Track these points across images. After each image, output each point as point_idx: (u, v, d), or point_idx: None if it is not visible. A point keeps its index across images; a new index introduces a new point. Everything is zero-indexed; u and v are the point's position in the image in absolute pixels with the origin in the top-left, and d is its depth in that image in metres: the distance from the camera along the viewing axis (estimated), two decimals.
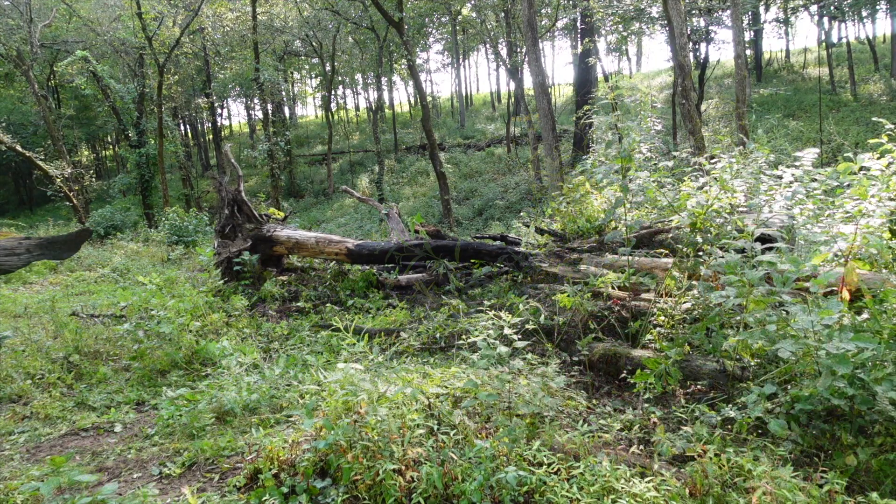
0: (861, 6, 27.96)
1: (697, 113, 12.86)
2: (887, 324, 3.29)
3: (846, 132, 20.77)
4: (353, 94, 53.47)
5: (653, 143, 7.65)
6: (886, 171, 4.58)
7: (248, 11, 25.16)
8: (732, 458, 2.75)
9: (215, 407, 4.40)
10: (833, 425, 3.26)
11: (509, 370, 4.03)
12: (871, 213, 4.36)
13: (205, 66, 29.75)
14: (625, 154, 5.47)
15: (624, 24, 24.43)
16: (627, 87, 8.69)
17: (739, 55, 13.78)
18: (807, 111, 24.84)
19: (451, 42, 41.25)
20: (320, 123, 46.54)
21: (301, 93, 51.80)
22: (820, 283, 3.35)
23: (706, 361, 4.25)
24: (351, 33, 31.58)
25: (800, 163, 5.46)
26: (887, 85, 26.55)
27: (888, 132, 4.70)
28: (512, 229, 13.23)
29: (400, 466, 2.87)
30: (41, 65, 26.49)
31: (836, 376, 3.01)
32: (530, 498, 2.82)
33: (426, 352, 5.49)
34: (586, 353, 4.58)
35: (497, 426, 3.30)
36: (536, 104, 15.97)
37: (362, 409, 3.41)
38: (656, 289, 5.33)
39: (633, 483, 2.78)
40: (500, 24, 29.88)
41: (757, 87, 28.98)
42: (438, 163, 19.15)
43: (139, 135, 24.31)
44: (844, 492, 2.64)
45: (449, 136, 35.02)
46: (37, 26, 21.50)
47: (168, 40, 22.67)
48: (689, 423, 3.49)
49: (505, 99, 42.33)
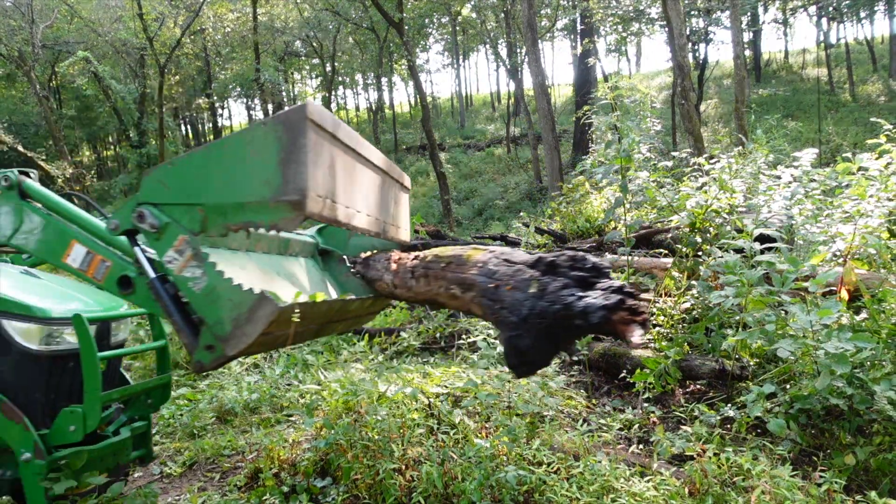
0: (859, 7, 27.99)
1: (697, 113, 12.88)
2: (886, 323, 3.30)
3: (845, 132, 20.77)
4: (354, 94, 53.57)
5: (652, 144, 7.66)
6: (885, 171, 4.59)
7: (248, 12, 25.19)
8: (731, 458, 2.75)
9: (216, 406, 4.41)
10: (832, 424, 3.27)
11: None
12: (870, 213, 4.37)
13: (205, 67, 29.77)
14: (624, 154, 5.47)
15: (623, 25, 24.46)
16: (627, 88, 8.71)
17: (738, 56, 13.79)
18: (805, 112, 24.83)
19: (451, 42, 41.26)
20: None
21: (301, 93, 51.80)
22: (819, 282, 3.36)
23: (705, 361, 4.26)
24: (351, 34, 31.58)
25: (798, 163, 5.47)
26: (885, 85, 26.56)
27: (886, 132, 4.71)
28: (512, 229, 13.22)
29: (400, 466, 2.88)
30: (43, 65, 26.49)
31: (834, 376, 3.01)
32: (530, 497, 2.83)
33: (426, 352, 5.50)
34: (586, 353, 4.59)
35: (497, 426, 3.31)
36: (536, 104, 15.99)
37: (362, 409, 3.42)
38: (656, 288, 5.33)
39: (632, 482, 2.79)
40: (499, 25, 29.90)
41: (756, 87, 28.97)
42: (438, 163, 19.16)
43: (140, 135, 24.35)
44: (843, 491, 2.65)
45: (449, 136, 35.01)
46: (38, 27, 21.52)
47: (169, 41, 22.69)
48: (689, 423, 3.50)
49: (505, 99, 42.33)
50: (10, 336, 2.29)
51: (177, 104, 31.05)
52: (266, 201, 1.75)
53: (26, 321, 2.33)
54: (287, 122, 1.73)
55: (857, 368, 3.16)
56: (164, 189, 1.88)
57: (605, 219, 7.39)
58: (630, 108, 8.28)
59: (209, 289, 1.84)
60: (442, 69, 65.87)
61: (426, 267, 2.31)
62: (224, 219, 1.83)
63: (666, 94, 28.24)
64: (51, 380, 2.40)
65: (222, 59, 30.55)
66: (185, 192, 1.86)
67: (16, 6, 21.88)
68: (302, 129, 1.72)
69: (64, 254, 2.10)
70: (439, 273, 2.23)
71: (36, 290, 2.57)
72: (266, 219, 1.78)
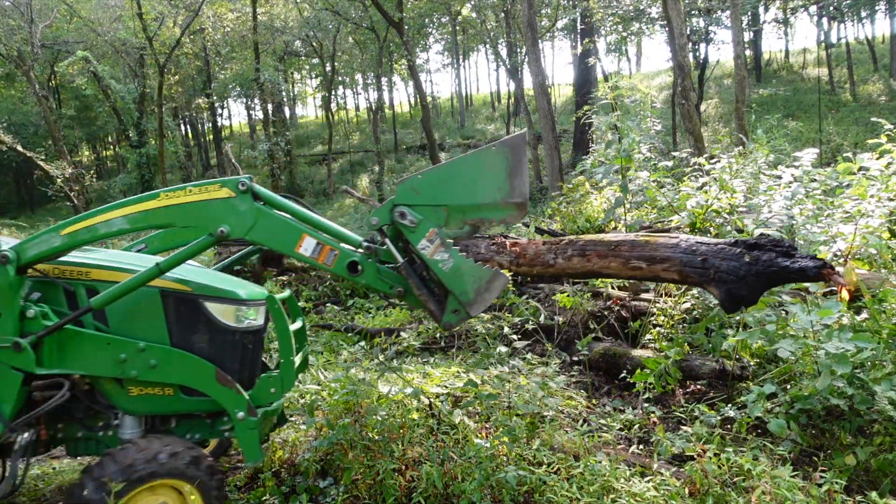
0: (860, 7, 27.97)
1: (697, 113, 12.88)
2: (886, 323, 3.29)
3: (845, 132, 20.76)
4: (353, 94, 53.48)
5: (652, 143, 7.65)
6: (885, 171, 4.58)
7: (248, 12, 25.17)
8: (732, 458, 2.75)
9: None
10: (832, 425, 3.26)
11: (509, 370, 4.04)
12: (871, 213, 4.37)
13: (205, 67, 29.74)
14: (624, 154, 5.47)
15: (623, 25, 24.44)
16: (627, 88, 8.70)
17: (739, 55, 13.78)
18: (806, 111, 24.82)
19: (451, 42, 41.23)
20: (320, 123, 46.53)
21: (301, 93, 51.78)
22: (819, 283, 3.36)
23: (706, 361, 4.25)
24: (351, 34, 31.55)
25: (799, 163, 5.47)
26: (886, 85, 26.55)
27: (887, 132, 4.70)
28: (512, 229, 13.22)
29: (400, 466, 2.88)
30: (42, 65, 26.49)
31: (835, 376, 3.01)
32: (530, 497, 2.82)
33: (426, 352, 5.50)
34: (586, 353, 4.58)
35: (497, 426, 3.31)
36: (536, 104, 15.98)
37: (362, 409, 3.41)
38: (656, 289, 5.33)
39: (632, 482, 2.78)
40: (500, 25, 29.88)
41: (756, 87, 28.96)
42: (439, 163, 19.17)
43: (140, 135, 24.34)
44: (843, 491, 2.64)
45: (449, 136, 34.98)
46: (38, 27, 21.51)
47: (168, 41, 22.67)
48: (689, 423, 3.49)
49: (505, 99, 42.31)
50: (213, 316, 2.70)
51: (176, 104, 31.00)
52: (498, 203, 2.49)
53: (224, 303, 2.73)
54: (513, 147, 2.48)
55: (858, 369, 3.16)
56: (415, 194, 2.47)
57: (605, 219, 7.38)
58: (630, 108, 8.26)
59: (455, 267, 2.47)
60: (442, 69, 65.85)
61: (581, 248, 3.32)
62: (463, 216, 2.51)
63: (666, 94, 28.23)
64: (243, 352, 2.80)
65: (222, 58, 30.52)
66: (432, 196, 2.48)
67: (15, 6, 21.87)
68: (524, 152, 2.52)
69: (296, 245, 2.54)
70: (607, 252, 3.20)
71: (210, 277, 2.93)
72: (497, 216, 2.53)
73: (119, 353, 2.53)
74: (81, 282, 2.61)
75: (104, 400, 2.69)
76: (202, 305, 2.70)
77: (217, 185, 2.49)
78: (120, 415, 2.71)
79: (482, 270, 2.51)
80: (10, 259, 2.38)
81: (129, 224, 2.52)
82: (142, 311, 2.65)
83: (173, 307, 2.68)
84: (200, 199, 2.49)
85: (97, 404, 2.70)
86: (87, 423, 2.74)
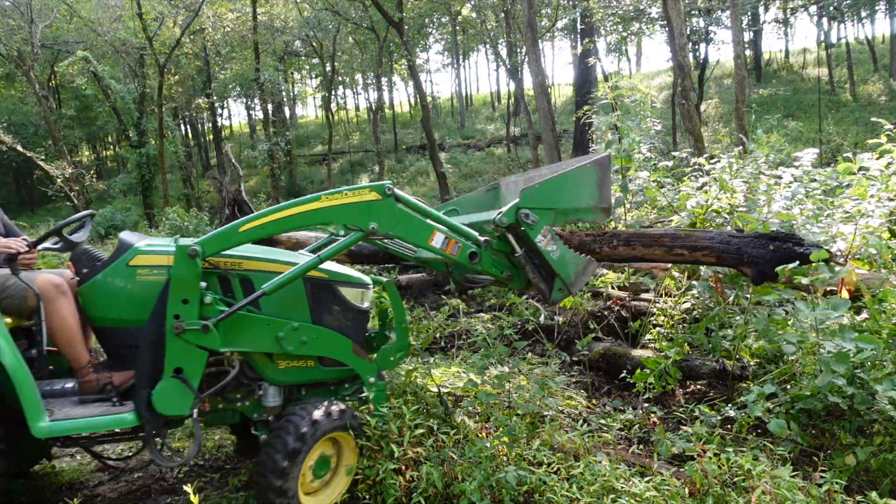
0: (860, 7, 27.98)
1: (697, 113, 12.88)
2: (886, 323, 3.29)
3: (845, 132, 20.75)
4: (353, 94, 53.43)
5: (652, 143, 7.64)
6: (885, 171, 4.58)
7: (248, 12, 25.15)
8: (732, 458, 2.75)
9: None
10: (832, 425, 3.26)
11: (509, 370, 4.04)
12: (871, 212, 4.37)
13: (205, 67, 29.71)
14: (624, 154, 5.47)
15: (624, 25, 24.44)
16: (627, 88, 8.68)
17: (739, 55, 13.77)
18: (806, 111, 24.81)
19: (451, 42, 41.22)
20: (320, 123, 46.51)
21: (301, 93, 51.74)
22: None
23: (706, 361, 4.25)
24: (351, 33, 31.53)
25: (799, 163, 5.46)
26: (886, 85, 26.54)
27: (887, 132, 4.70)
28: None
29: (400, 466, 2.88)
30: (42, 65, 26.47)
31: (835, 374, 3.01)
32: (530, 497, 2.82)
33: (426, 351, 5.50)
34: (586, 353, 4.59)
35: (497, 426, 3.31)
36: (536, 104, 15.98)
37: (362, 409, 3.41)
38: (656, 288, 5.33)
39: (632, 482, 2.78)
40: (500, 25, 29.87)
41: (756, 87, 28.96)
42: (439, 163, 19.16)
43: (140, 135, 24.31)
44: (843, 491, 2.64)
45: (449, 136, 34.97)
46: (38, 27, 21.49)
47: (168, 41, 22.65)
48: (689, 423, 3.49)
49: (505, 99, 42.29)
50: (346, 298, 3.24)
51: (176, 104, 30.95)
52: (591, 207, 3.19)
53: (354, 287, 3.30)
54: (601, 164, 3.21)
55: (858, 368, 3.16)
56: (532, 199, 2.98)
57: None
58: (630, 108, 8.24)
59: (561, 256, 3.05)
60: (442, 69, 65.81)
61: (626, 240, 3.88)
62: (565, 217, 3.14)
63: (666, 94, 28.23)
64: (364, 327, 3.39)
65: (222, 58, 30.49)
66: (544, 201, 3.02)
67: (15, 5, 21.86)
68: (609, 168, 3.31)
69: (429, 238, 2.96)
70: (651, 242, 3.82)
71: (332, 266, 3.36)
72: (589, 217, 3.21)
73: (278, 331, 2.91)
74: (236, 272, 2.99)
75: (252, 374, 3.05)
76: (337, 290, 3.21)
77: (367, 190, 2.87)
78: (265, 386, 3.07)
79: (580, 258, 3.14)
80: (199, 253, 2.66)
81: (296, 222, 2.88)
82: (289, 296, 3.04)
83: (314, 292, 3.13)
84: (355, 200, 2.85)
85: (246, 378, 3.05)
86: (228, 396, 3.08)
